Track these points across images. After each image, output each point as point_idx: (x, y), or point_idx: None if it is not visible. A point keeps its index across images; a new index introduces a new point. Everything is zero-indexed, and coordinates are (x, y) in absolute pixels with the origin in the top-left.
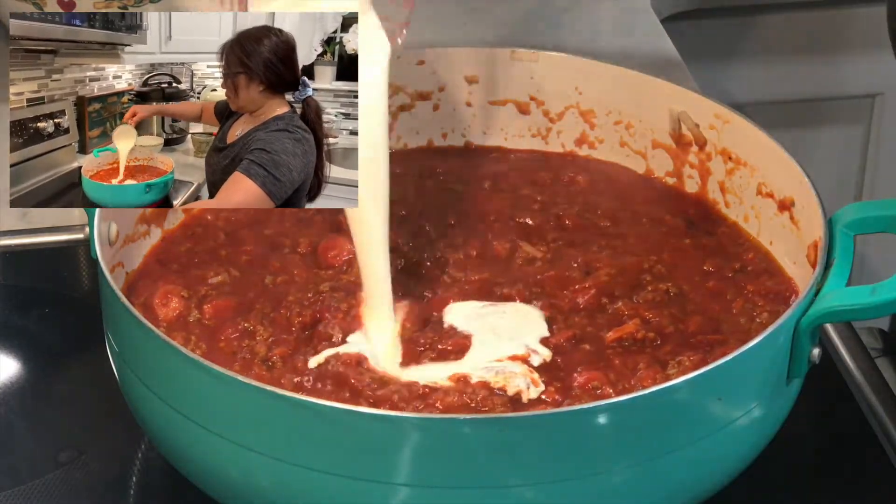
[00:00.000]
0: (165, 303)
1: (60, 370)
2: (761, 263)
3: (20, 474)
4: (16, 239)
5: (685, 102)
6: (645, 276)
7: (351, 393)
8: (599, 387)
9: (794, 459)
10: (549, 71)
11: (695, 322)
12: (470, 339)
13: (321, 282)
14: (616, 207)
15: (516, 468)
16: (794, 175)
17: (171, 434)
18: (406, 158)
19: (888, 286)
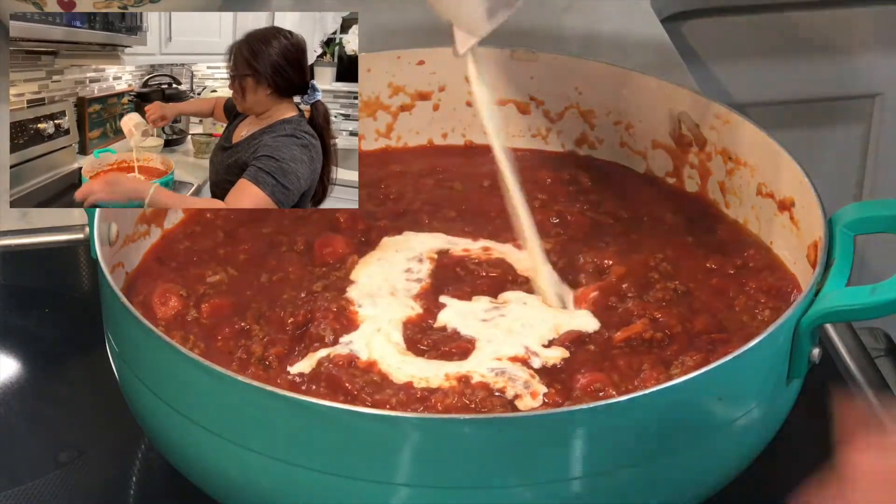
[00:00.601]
0: (164, 301)
1: (60, 370)
2: (762, 260)
3: (20, 474)
4: (16, 239)
5: (685, 102)
6: (653, 273)
7: (346, 397)
8: (602, 388)
9: (794, 459)
10: (549, 71)
11: (701, 321)
12: (473, 341)
13: (315, 280)
14: (617, 206)
15: (516, 468)
16: (794, 175)
17: (171, 434)
18: (406, 158)
19: (888, 286)
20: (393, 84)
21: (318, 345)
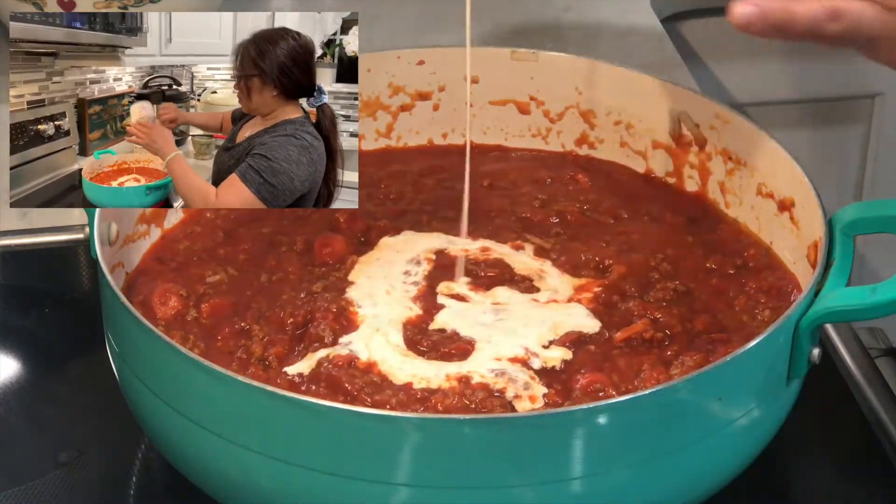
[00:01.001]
0: (164, 301)
1: (60, 370)
2: (763, 259)
3: (20, 474)
4: (16, 239)
5: (685, 102)
6: (653, 273)
7: (346, 397)
8: (602, 389)
9: (794, 459)
10: (549, 71)
11: (702, 321)
12: (472, 342)
13: (314, 280)
14: (617, 205)
15: (516, 468)
16: (794, 175)
17: (171, 434)
18: (406, 158)
19: (888, 286)
20: (393, 84)
21: (318, 345)
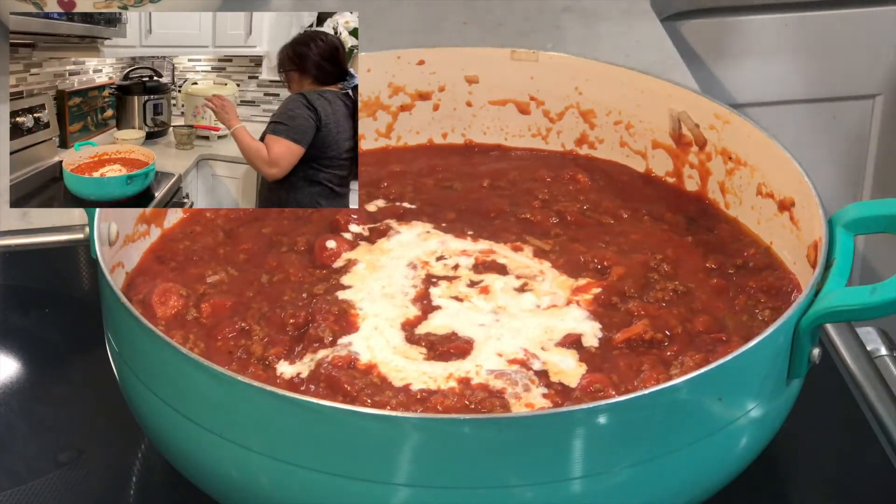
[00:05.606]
0: (164, 301)
1: (60, 370)
2: (762, 259)
3: (20, 474)
4: (16, 239)
5: (685, 102)
6: (653, 273)
7: (345, 398)
8: (602, 388)
9: (794, 459)
10: (549, 71)
11: (702, 321)
12: (472, 342)
13: (316, 282)
14: (617, 205)
15: (516, 468)
16: (794, 175)
17: (171, 434)
18: (406, 158)
19: (888, 286)
20: (393, 84)
21: (318, 346)
